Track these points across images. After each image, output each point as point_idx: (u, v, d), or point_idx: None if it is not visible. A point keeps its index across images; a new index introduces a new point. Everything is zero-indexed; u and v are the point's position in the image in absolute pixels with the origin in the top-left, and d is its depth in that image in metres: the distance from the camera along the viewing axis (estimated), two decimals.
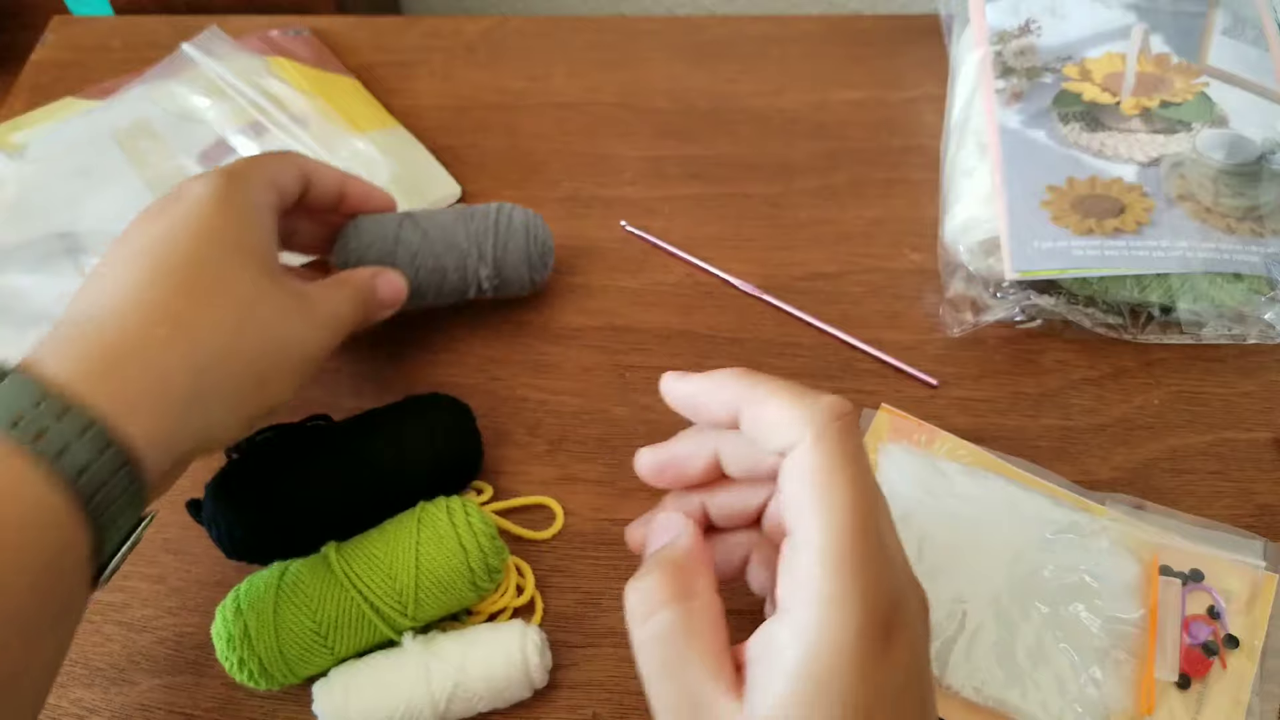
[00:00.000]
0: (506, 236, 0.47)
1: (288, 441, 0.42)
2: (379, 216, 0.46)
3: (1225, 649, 0.39)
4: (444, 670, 0.37)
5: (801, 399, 0.30)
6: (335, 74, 0.62)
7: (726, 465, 0.33)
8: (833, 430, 0.29)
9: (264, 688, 0.38)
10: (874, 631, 0.27)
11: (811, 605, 0.27)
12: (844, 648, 0.26)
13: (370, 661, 0.38)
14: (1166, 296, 0.47)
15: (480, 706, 0.38)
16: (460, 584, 0.39)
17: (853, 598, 0.26)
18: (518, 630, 0.39)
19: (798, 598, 0.27)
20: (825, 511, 0.28)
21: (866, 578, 0.27)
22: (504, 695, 0.38)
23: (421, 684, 0.37)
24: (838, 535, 0.27)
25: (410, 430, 0.43)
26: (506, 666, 0.38)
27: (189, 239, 0.35)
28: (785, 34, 0.65)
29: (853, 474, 0.28)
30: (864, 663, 0.26)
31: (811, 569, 0.27)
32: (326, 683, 0.38)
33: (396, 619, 0.38)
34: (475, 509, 0.40)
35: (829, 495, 0.28)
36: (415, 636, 0.39)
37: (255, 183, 0.39)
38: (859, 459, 0.29)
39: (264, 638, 0.37)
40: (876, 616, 0.27)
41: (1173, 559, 0.41)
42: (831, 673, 0.26)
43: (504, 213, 0.48)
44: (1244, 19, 0.53)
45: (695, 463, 0.34)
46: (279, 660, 0.37)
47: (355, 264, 0.45)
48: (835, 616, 0.26)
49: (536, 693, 0.40)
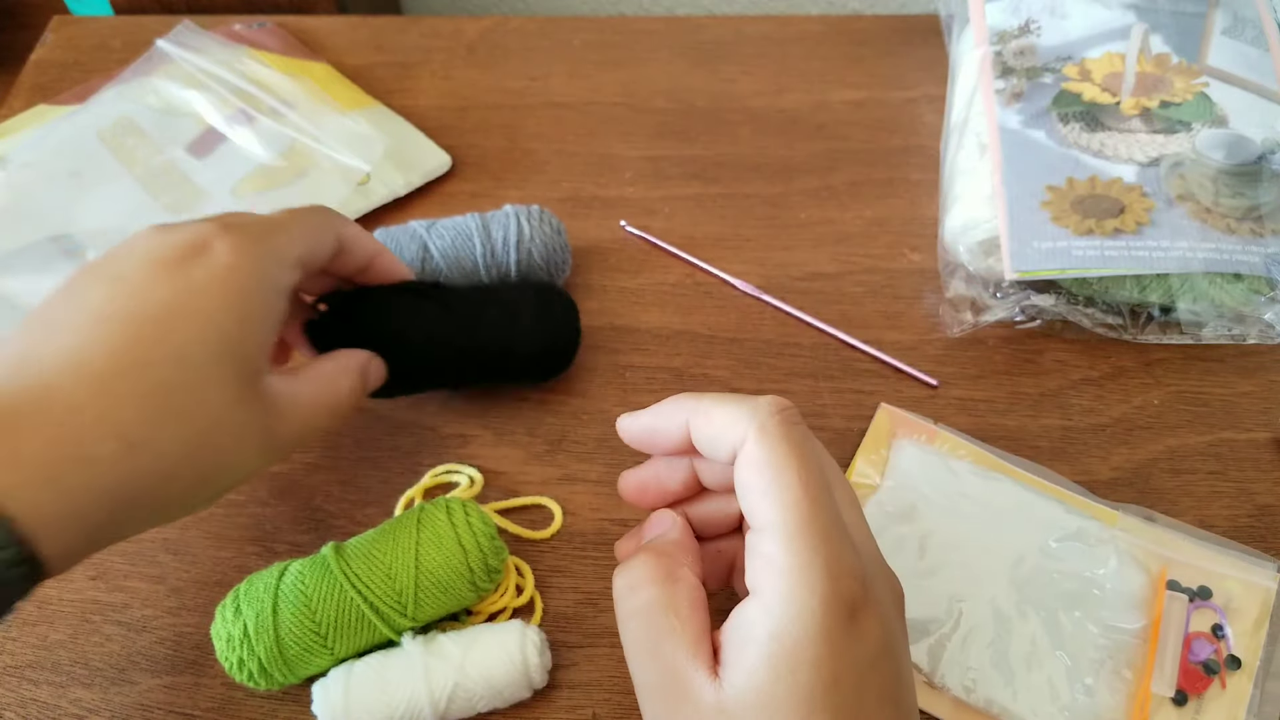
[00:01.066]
0: (527, 243, 0.48)
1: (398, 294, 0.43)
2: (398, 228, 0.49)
3: (1226, 669, 0.39)
4: (444, 670, 0.38)
5: (741, 403, 0.31)
6: (307, 60, 0.63)
7: (702, 477, 0.34)
8: (774, 422, 0.30)
9: (263, 688, 0.38)
10: (838, 604, 0.27)
11: (776, 581, 0.28)
12: (810, 619, 0.27)
13: (370, 661, 0.38)
14: (1166, 297, 0.47)
15: (480, 706, 0.38)
16: (460, 584, 0.39)
17: (815, 569, 0.27)
18: (517, 630, 0.39)
19: (763, 577, 0.28)
20: (777, 492, 0.29)
21: (827, 552, 0.28)
22: (504, 695, 0.38)
23: (421, 684, 0.37)
24: (793, 513, 0.28)
25: (523, 304, 0.45)
26: (506, 666, 0.38)
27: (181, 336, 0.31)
28: (785, 34, 0.65)
29: (800, 458, 0.29)
30: (831, 632, 0.27)
31: (773, 547, 0.28)
32: (326, 683, 0.38)
33: (396, 619, 0.38)
34: (475, 509, 0.40)
35: (779, 478, 0.29)
36: (415, 637, 0.39)
37: (284, 261, 0.35)
38: (805, 445, 0.30)
39: (263, 638, 0.37)
40: (840, 588, 0.28)
41: (1181, 574, 0.41)
42: (800, 642, 0.27)
43: (520, 220, 0.49)
44: (1244, 19, 0.53)
45: (675, 478, 0.34)
46: (278, 660, 0.37)
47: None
48: (799, 589, 0.27)
49: (536, 693, 0.40)
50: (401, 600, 0.38)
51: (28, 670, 0.41)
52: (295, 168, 0.56)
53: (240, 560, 0.44)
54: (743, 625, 0.28)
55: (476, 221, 0.49)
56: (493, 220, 0.49)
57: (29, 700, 0.40)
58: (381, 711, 0.37)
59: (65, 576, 0.43)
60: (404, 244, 0.48)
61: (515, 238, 0.48)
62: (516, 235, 0.48)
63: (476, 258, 0.48)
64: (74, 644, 0.42)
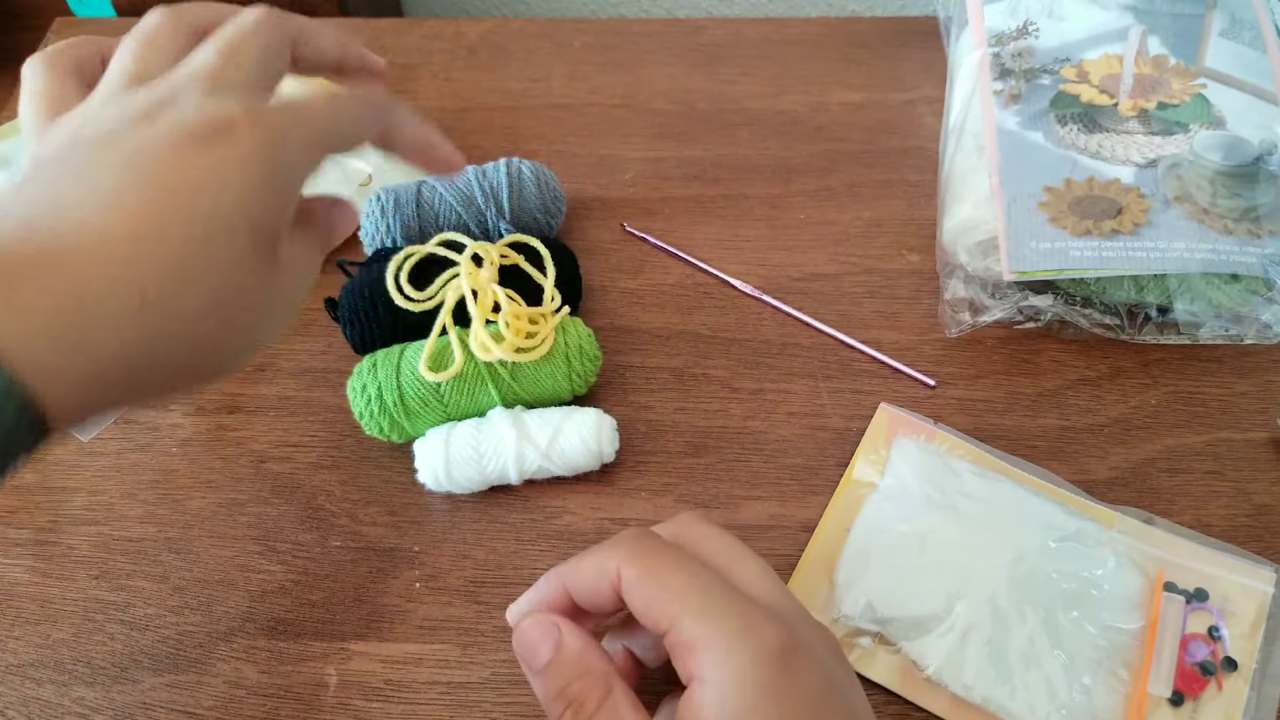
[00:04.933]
0: (519, 188, 0.52)
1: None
2: (397, 185, 0.52)
3: (1223, 671, 0.39)
4: (530, 433, 0.44)
5: (601, 547, 0.33)
6: None
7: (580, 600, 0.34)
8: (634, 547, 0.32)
9: (386, 436, 0.45)
10: (767, 654, 0.29)
11: (702, 656, 0.29)
12: (746, 676, 0.28)
13: (467, 423, 0.45)
14: (1164, 297, 0.47)
15: (556, 472, 0.45)
16: (559, 376, 0.46)
17: (731, 631, 0.29)
18: (596, 415, 0.45)
19: (689, 661, 0.29)
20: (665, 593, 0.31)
21: (736, 613, 0.30)
22: (576, 466, 0.45)
23: (509, 443, 0.44)
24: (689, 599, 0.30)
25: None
26: (582, 439, 0.44)
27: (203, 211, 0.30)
28: (784, 36, 0.66)
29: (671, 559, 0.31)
30: (771, 684, 0.28)
31: (686, 633, 0.29)
32: (425, 441, 0.45)
33: (504, 378, 0.45)
34: (581, 324, 0.47)
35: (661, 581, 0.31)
36: (507, 410, 0.45)
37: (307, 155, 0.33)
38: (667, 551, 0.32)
39: (390, 392, 0.44)
40: (764, 637, 0.29)
41: (1179, 576, 0.41)
42: (745, 703, 0.28)
43: (514, 167, 0.52)
44: (1241, 20, 0.54)
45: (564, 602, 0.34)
46: (401, 412, 0.44)
47: (384, 231, 0.51)
48: (725, 655, 0.29)
49: (603, 467, 0.45)
50: (509, 368, 0.45)
51: (30, 669, 0.41)
52: None
53: (242, 559, 0.44)
54: (687, 710, 0.29)
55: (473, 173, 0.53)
56: (486, 172, 0.52)
57: (31, 699, 0.40)
58: (475, 466, 0.44)
59: (68, 576, 0.44)
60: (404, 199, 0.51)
61: (508, 189, 0.52)
62: (508, 187, 0.52)
63: (477, 203, 0.51)
64: (76, 643, 0.42)
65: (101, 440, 0.48)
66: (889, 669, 0.40)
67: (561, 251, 0.50)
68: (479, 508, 0.45)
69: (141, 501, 0.46)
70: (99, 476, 0.47)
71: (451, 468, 0.44)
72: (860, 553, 0.42)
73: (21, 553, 0.45)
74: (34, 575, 0.44)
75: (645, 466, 0.47)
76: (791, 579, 0.43)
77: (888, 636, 0.40)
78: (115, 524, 0.45)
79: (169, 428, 0.48)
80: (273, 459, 0.47)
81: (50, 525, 0.45)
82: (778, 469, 0.46)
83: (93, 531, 0.45)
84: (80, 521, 0.45)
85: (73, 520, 0.45)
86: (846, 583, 0.41)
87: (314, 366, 0.50)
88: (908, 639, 0.40)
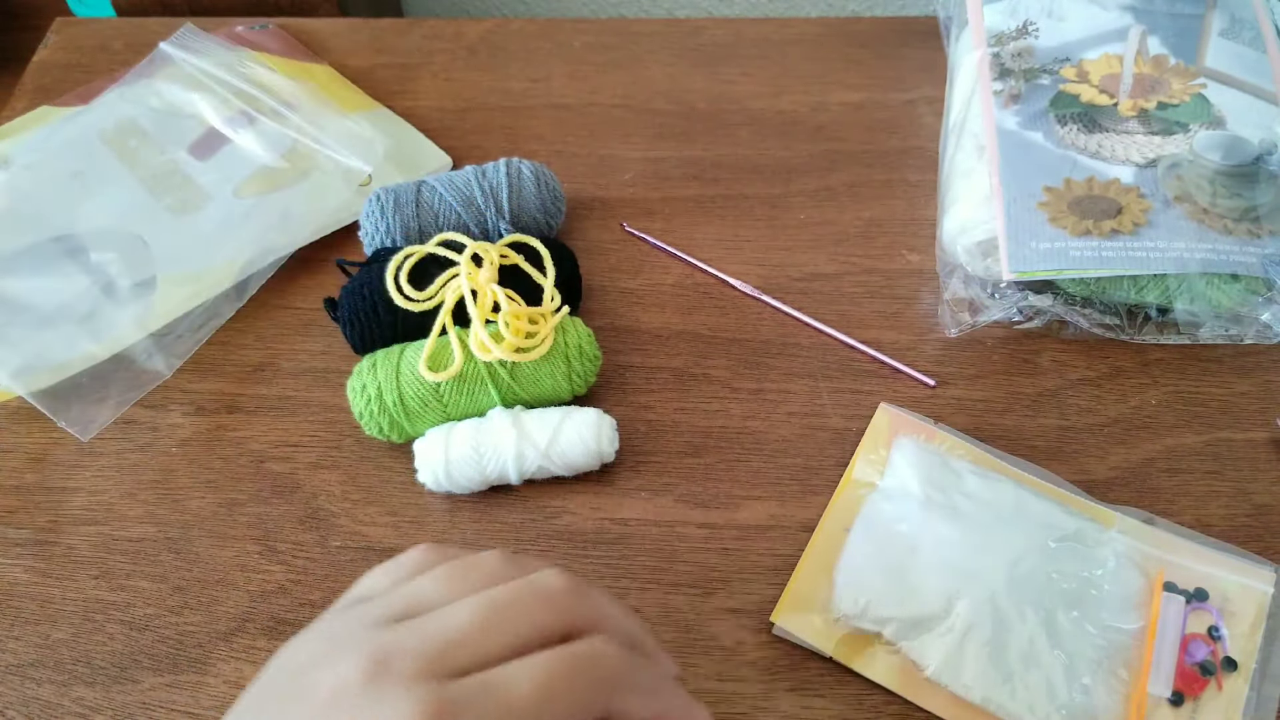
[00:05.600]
0: (519, 187, 0.51)
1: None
2: (397, 184, 0.52)
3: (1223, 671, 0.39)
4: (529, 438, 0.44)
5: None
6: (308, 62, 0.63)
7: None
8: None
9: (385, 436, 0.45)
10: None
11: None
12: None
13: (466, 424, 0.45)
14: (1163, 297, 0.47)
15: (555, 472, 0.45)
16: (558, 377, 0.46)
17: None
18: (595, 414, 0.45)
19: None
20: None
21: None
22: (576, 465, 0.45)
23: (509, 443, 0.44)
24: None
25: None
26: (581, 439, 0.44)
27: None
28: (784, 36, 0.66)
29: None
30: None
31: None
32: (424, 441, 0.45)
33: (504, 379, 0.45)
34: (581, 324, 0.47)
35: None
36: (505, 411, 0.45)
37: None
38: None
39: (389, 392, 0.44)
40: None
41: (1179, 576, 0.41)
42: None
43: (514, 166, 0.52)
44: (1241, 20, 0.54)
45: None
46: (400, 412, 0.45)
47: (384, 231, 0.50)
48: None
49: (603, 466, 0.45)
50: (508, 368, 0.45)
51: (30, 669, 0.41)
52: (297, 169, 0.56)
53: (242, 559, 0.44)
54: None
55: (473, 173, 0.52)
56: (486, 172, 0.52)
57: (31, 699, 0.40)
58: (471, 464, 0.44)
59: (68, 575, 0.44)
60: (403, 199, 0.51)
61: (507, 189, 0.51)
62: (508, 187, 0.52)
63: (476, 203, 0.51)
64: (76, 643, 0.42)
65: (101, 440, 0.48)
66: (889, 669, 0.40)
67: (561, 251, 0.50)
68: (479, 508, 0.45)
69: (141, 501, 0.46)
70: (99, 476, 0.47)
71: (451, 468, 0.44)
72: (860, 553, 0.42)
73: (21, 553, 0.45)
74: (34, 575, 0.44)
75: (645, 466, 0.47)
76: (791, 579, 0.43)
77: (887, 636, 0.40)
78: (115, 524, 0.45)
79: (169, 428, 0.48)
80: (272, 459, 0.47)
81: (50, 525, 0.45)
82: (777, 469, 0.46)
83: (93, 531, 0.45)
84: (80, 521, 0.45)
85: (73, 520, 0.46)
86: (846, 583, 0.41)
87: (314, 366, 0.50)
88: (907, 639, 0.40)
